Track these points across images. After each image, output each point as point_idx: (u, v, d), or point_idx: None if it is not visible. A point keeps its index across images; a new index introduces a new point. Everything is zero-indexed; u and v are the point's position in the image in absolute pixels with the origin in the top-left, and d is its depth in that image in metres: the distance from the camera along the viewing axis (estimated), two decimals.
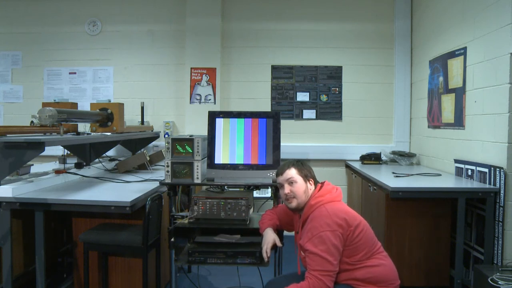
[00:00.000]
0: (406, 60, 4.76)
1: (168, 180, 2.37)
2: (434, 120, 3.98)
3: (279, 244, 2.19)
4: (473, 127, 3.25)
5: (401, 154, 4.38)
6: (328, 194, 2.06)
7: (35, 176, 2.99)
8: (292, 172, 2.09)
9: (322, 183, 2.13)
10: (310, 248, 1.92)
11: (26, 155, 2.33)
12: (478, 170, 3.12)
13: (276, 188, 2.37)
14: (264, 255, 2.14)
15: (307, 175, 2.11)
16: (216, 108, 4.74)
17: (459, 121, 3.46)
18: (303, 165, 2.14)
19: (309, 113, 4.87)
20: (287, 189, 2.09)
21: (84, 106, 4.69)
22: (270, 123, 2.39)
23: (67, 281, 3.26)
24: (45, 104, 3.07)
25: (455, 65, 3.53)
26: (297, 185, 2.08)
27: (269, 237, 2.18)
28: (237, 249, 2.31)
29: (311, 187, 2.11)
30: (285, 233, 2.41)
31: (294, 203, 2.09)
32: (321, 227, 1.93)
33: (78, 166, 3.39)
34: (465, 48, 3.36)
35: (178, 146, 2.37)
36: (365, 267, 1.97)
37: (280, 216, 2.31)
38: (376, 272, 1.98)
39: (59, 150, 3.56)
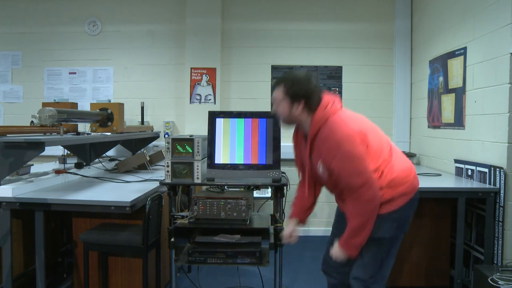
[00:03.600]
0: (406, 60, 4.76)
1: (168, 180, 2.37)
2: (434, 120, 3.98)
3: (293, 239, 2.21)
4: (473, 127, 3.25)
5: None
6: (329, 104, 1.97)
7: (35, 176, 2.99)
8: (277, 93, 2.02)
9: (322, 96, 2.02)
10: (339, 167, 1.86)
11: (26, 155, 2.33)
12: (478, 170, 3.12)
13: (276, 188, 2.38)
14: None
15: (296, 95, 1.96)
16: (216, 108, 4.74)
17: (459, 121, 3.46)
18: (296, 83, 1.98)
19: None
20: (273, 106, 2.06)
21: (84, 106, 4.69)
22: (270, 123, 2.38)
23: (67, 281, 3.26)
24: (45, 104, 3.07)
25: (455, 65, 3.53)
26: (280, 106, 2.02)
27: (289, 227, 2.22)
28: (237, 249, 2.31)
29: (299, 107, 1.97)
30: None
31: (281, 121, 2.09)
32: (340, 142, 1.86)
33: (78, 166, 3.39)
34: (465, 48, 3.36)
35: (178, 146, 2.37)
36: (388, 173, 1.97)
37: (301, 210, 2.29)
38: (398, 172, 1.99)
39: (59, 150, 3.56)
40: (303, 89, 1.98)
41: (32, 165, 3.21)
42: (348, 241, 1.94)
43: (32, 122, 3.18)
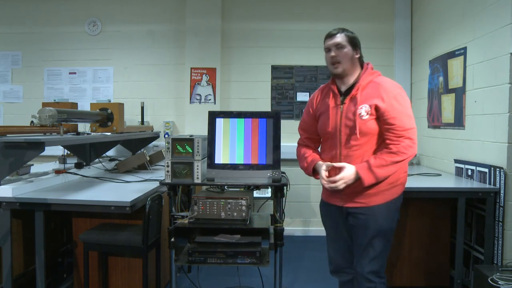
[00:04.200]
0: (406, 60, 4.76)
1: (168, 180, 2.37)
2: (434, 120, 3.98)
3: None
4: (473, 127, 3.25)
5: None
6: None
7: (35, 176, 2.99)
8: (341, 38, 2.12)
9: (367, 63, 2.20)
10: (396, 107, 2.01)
11: (26, 155, 2.33)
12: (478, 170, 3.12)
13: (276, 188, 2.38)
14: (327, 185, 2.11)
15: (356, 45, 2.13)
16: (216, 108, 4.74)
17: (459, 121, 3.46)
18: (353, 34, 2.16)
19: None
20: (334, 52, 2.12)
21: (84, 106, 4.69)
22: (270, 123, 2.38)
23: (67, 281, 3.26)
24: (45, 104, 3.07)
25: (455, 65, 3.53)
26: (344, 51, 2.11)
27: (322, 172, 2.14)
28: (237, 249, 2.31)
29: (357, 56, 2.14)
30: (285, 233, 2.41)
31: (339, 68, 2.12)
32: (398, 88, 2.08)
33: (78, 166, 3.39)
34: (465, 48, 3.36)
35: (178, 146, 2.37)
36: None
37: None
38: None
39: (59, 150, 3.56)
40: (358, 39, 2.17)
41: (32, 165, 3.21)
42: (373, 167, 2.01)
43: (32, 122, 3.18)
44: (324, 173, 2.12)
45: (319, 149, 2.35)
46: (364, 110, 2.05)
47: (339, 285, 2.38)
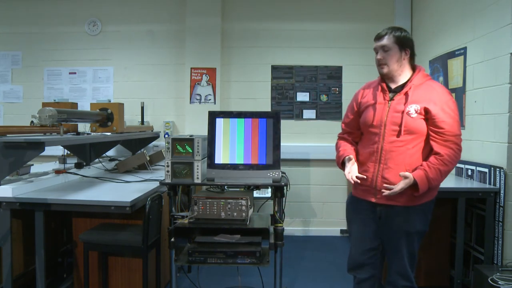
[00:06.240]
0: None
1: (168, 180, 2.37)
2: None
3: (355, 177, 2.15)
4: (473, 127, 3.25)
5: None
6: None
7: (35, 176, 2.99)
8: (388, 40, 2.11)
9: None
10: (448, 113, 2.03)
11: (26, 155, 2.33)
12: (478, 170, 3.12)
13: (276, 188, 2.38)
14: (352, 179, 2.13)
15: (404, 45, 2.11)
16: (216, 108, 4.74)
17: None
18: (403, 33, 2.12)
19: (309, 113, 4.87)
20: (380, 55, 2.13)
21: (84, 106, 4.69)
22: (270, 123, 2.38)
23: (67, 281, 3.26)
24: (45, 104, 3.07)
25: (455, 65, 3.53)
26: (390, 53, 2.10)
27: (354, 168, 2.18)
28: (237, 249, 2.32)
29: (406, 57, 2.12)
30: (285, 233, 2.41)
31: (385, 70, 2.13)
32: (449, 94, 2.10)
33: (78, 166, 3.39)
34: (465, 48, 3.37)
35: (178, 146, 2.37)
36: None
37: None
38: None
39: (59, 150, 3.56)
40: (409, 38, 2.14)
41: (32, 165, 3.21)
42: (429, 176, 2.01)
43: (32, 122, 3.18)
44: (348, 168, 2.15)
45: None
46: (413, 108, 2.06)
47: (356, 282, 2.32)
